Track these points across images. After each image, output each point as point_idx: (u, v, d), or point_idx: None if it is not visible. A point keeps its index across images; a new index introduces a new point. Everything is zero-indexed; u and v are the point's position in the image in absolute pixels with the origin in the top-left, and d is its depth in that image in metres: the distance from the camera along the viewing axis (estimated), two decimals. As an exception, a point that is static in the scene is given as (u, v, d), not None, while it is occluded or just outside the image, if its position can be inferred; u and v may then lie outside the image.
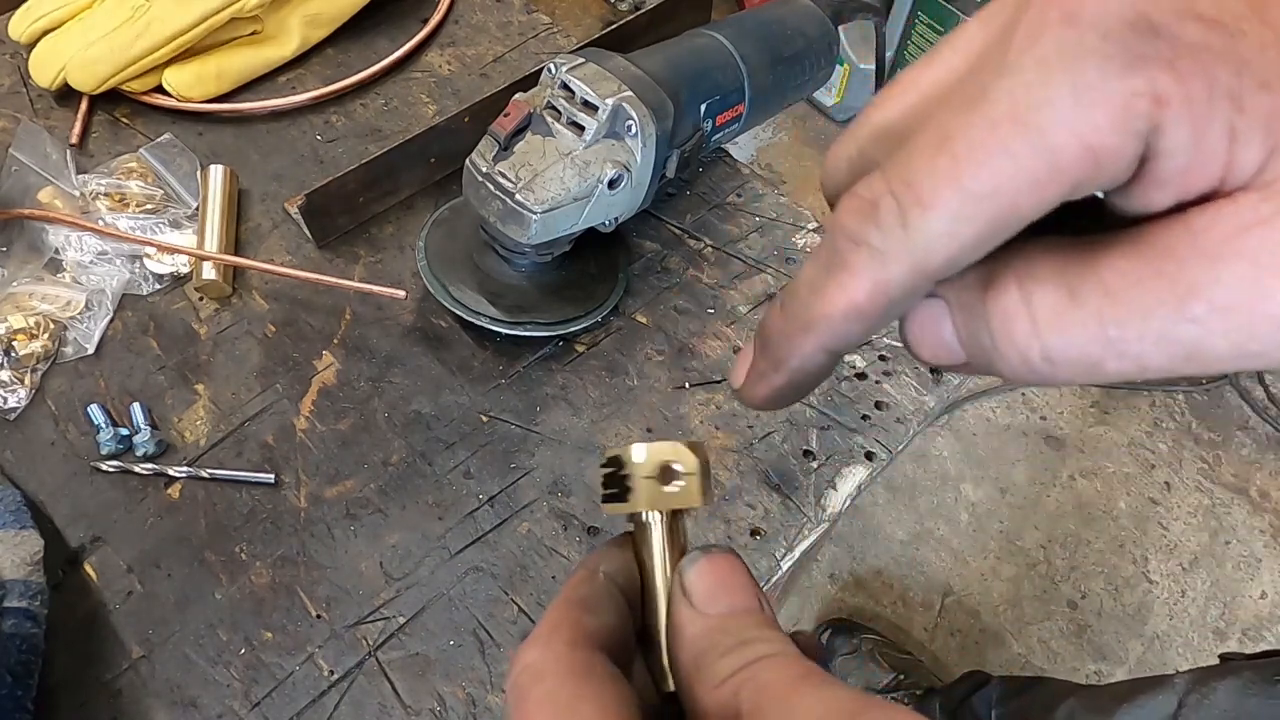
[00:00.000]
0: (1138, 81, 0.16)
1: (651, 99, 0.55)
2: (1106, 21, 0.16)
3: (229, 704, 0.48)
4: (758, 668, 0.20)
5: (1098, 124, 0.16)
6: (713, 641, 0.21)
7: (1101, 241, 0.18)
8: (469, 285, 0.59)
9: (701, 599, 0.22)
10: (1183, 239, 0.16)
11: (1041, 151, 0.16)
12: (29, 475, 0.54)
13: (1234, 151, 0.16)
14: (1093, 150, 0.16)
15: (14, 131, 0.66)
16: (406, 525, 0.54)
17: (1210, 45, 0.15)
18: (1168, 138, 0.16)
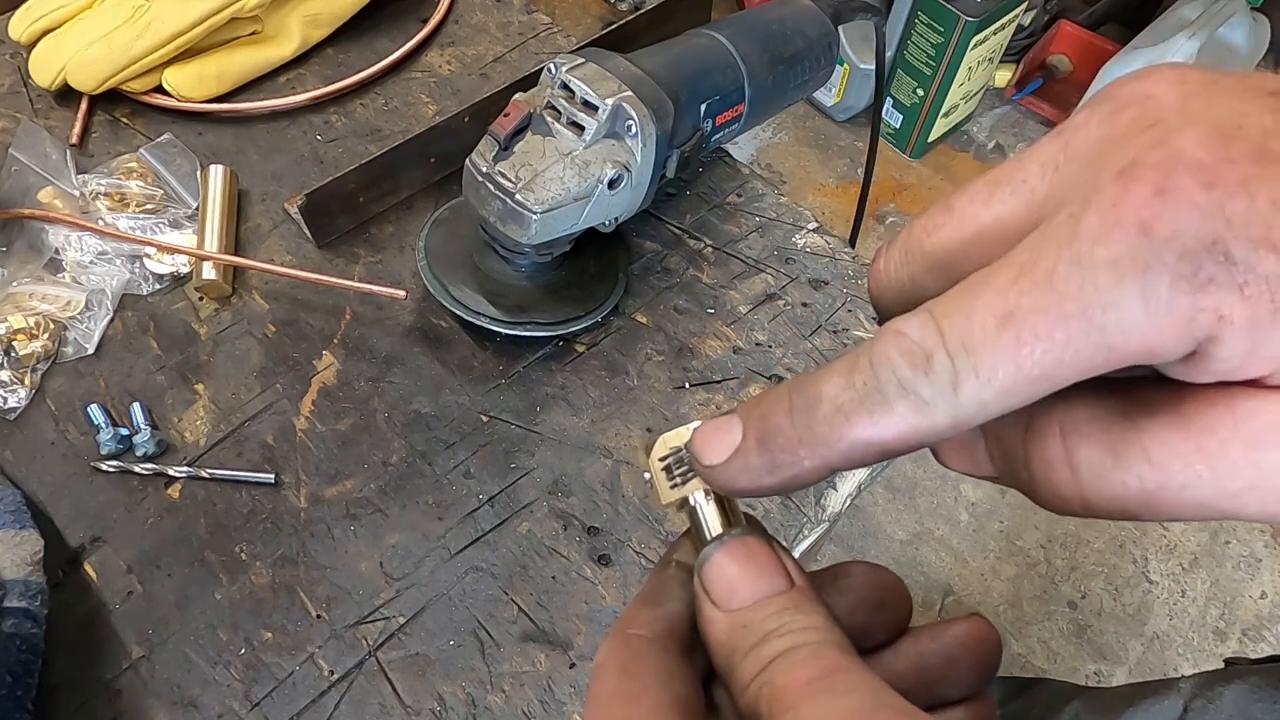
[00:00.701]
0: (1207, 301, 0.16)
1: (651, 99, 0.55)
2: (1183, 240, 0.16)
3: (229, 704, 0.48)
4: (773, 670, 0.20)
5: (1161, 331, 0.17)
6: (735, 642, 0.21)
7: (1145, 403, 0.19)
8: (469, 285, 0.59)
9: (720, 595, 0.22)
10: (1225, 420, 0.17)
11: (1102, 348, 0.17)
12: (29, 475, 0.54)
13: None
14: (1149, 349, 0.17)
15: (14, 131, 0.67)
16: (406, 525, 0.54)
17: (1274, 271, 0.16)
18: (1225, 346, 0.17)
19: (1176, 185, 0.16)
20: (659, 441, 0.25)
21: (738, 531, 0.23)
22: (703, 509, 0.24)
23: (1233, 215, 0.16)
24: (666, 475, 0.24)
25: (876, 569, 0.25)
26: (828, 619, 0.21)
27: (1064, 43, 1.87)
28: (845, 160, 1.86)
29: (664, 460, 0.24)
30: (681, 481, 0.24)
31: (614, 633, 0.23)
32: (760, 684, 0.20)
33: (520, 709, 0.48)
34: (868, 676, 0.19)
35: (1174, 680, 0.66)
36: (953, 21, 1.57)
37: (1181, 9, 1.55)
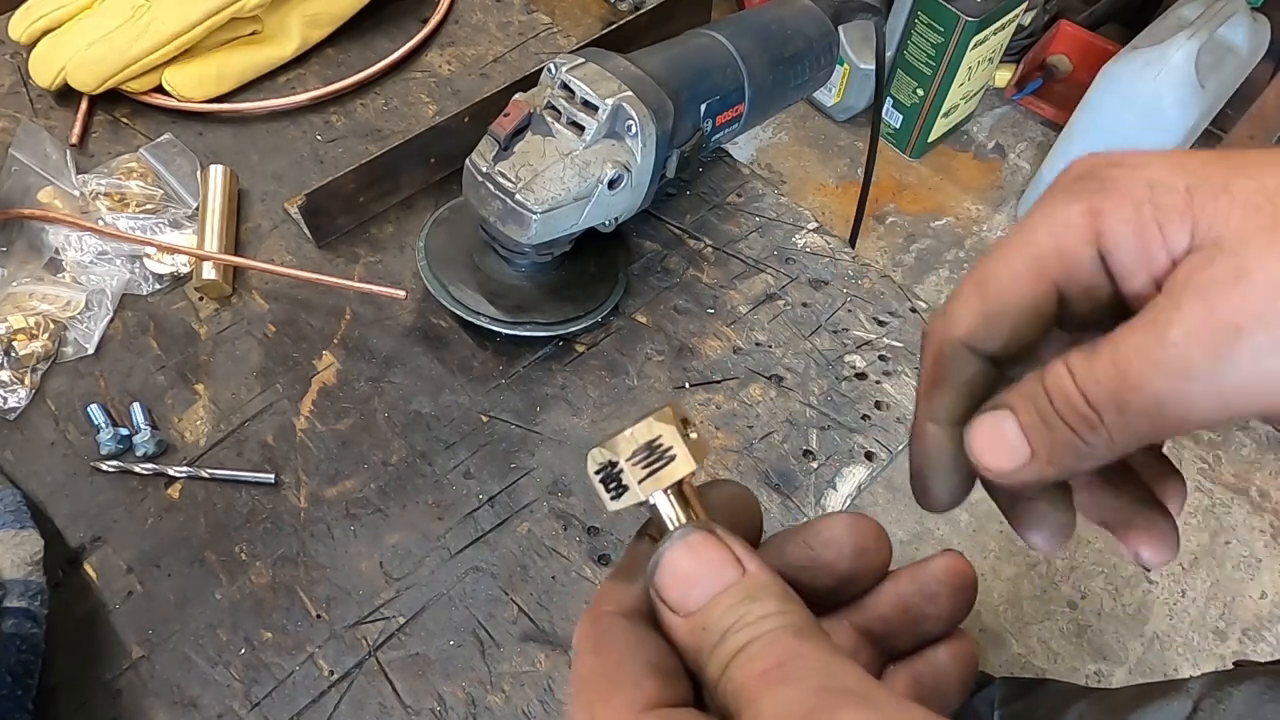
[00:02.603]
0: (1081, 204, 0.24)
1: (651, 99, 0.55)
2: (1069, 177, 0.25)
3: (229, 704, 0.48)
4: (733, 667, 0.21)
5: (1061, 234, 0.24)
6: (699, 644, 0.22)
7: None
8: (469, 285, 0.59)
9: (675, 601, 0.22)
10: (1156, 299, 0.22)
11: (1025, 253, 0.25)
12: (29, 475, 0.54)
13: (1166, 235, 0.23)
14: (1059, 252, 0.24)
15: (14, 131, 0.67)
16: (406, 525, 0.54)
17: (1128, 177, 0.24)
18: (1109, 236, 0.24)
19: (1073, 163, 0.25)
20: (589, 457, 0.25)
21: (680, 532, 0.23)
22: (660, 507, 0.24)
23: (1097, 160, 0.25)
24: (604, 489, 0.24)
25: (855, 518, 0.27)
26: (783, 600, 0.22)
27: (1064, 43, 1.87)
28: (845, 160, 1.86)
29: (598, 474, 0.24)
30: (616, 495, 0.24)
31: (588, 611, 0.24)
32: (725, 681, 0.21)
33: (520, 709, 0.48)
34: (823, 657, 0.20)
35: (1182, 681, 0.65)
36: (953, 21, 1.57)
37: (1181, 9, 1.55)
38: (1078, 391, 0.23)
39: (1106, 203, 0.23)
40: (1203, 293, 0.21)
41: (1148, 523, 0.27)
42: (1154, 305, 0.22)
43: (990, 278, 0.25)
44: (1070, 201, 0.24)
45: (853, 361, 0.62)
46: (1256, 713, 0.57)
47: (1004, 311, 0.25)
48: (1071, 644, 1.39)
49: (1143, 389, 0.22)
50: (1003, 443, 0.24)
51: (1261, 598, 1.45)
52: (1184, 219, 0.22)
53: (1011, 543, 1.48)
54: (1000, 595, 1.44)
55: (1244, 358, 0.21)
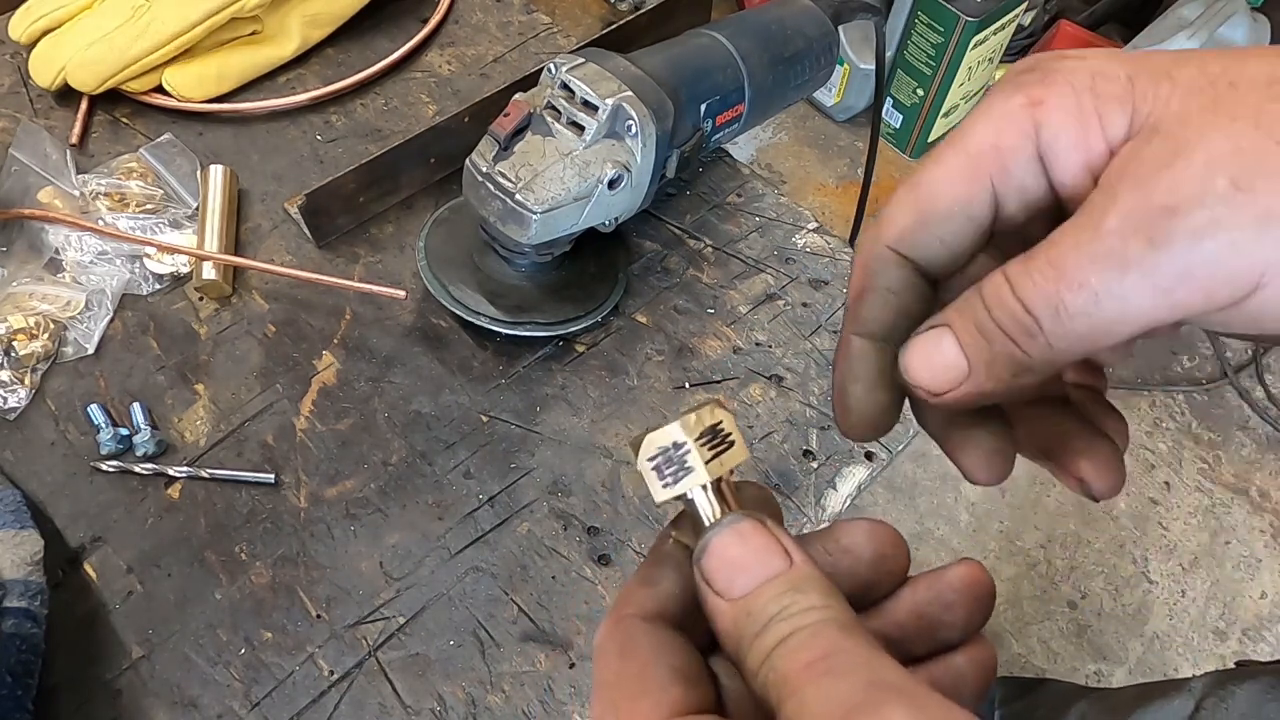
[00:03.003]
0: (1020, 96, 0.23)
1: (651, 99, 0.55)
2: (1011, 72, 0.24)
3: (229, 704, 0.48)
4: (775, 656, 0.20)
5: (998, 128, 0.23)
6: (741, 631, 0.21)
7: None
8: (469, 285, 0.59)
9: (721, 585, 0.22)
10: (1093, 193, 0.22)
11: (960, 151, 0.24)
12: (29, 475, 0.54)
13: (1105, 123, 0.22)
14: (997, 147, 0.23)
15: (14, 131, 0.66)
16: (406, 525, 0.54)
17: (1069, 66, 0.23)
18: (1048, 128, 0.22)
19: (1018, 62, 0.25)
20: (645, 441, 0.24)
21: (730, 519, 0.23)
22: (699, 501, 0.24)
23: (1039, 56, 0.23)
24: (658, 475, 0.24)
25: (874, 525, 0.26)
26: (827, 595, 0.21)
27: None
28: (845, 160, 1.86)
29: (653, 460, 0.24)
30: (674, 480, 0.24)
31: (610, 615, 0.24)
32: (766, 670, 0.20)
33: (520, 709, 0.48)
34: (867, 653, 0.20)
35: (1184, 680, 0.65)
36: (953, 21, 1.57)
37: (1181, 9, 1.55)
38: (1014, 298, 0.22)
39: (1047, 92, 0.23)
40: (1138, 178, 0.20)
41: (1090, 448, 0.27)
42: (1090, 200, 0.21)
43: (925, 179, 0.24)
44: (1011, 93, 0.23)
45: (853, 361, 0.61)
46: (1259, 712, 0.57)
47: (936, 213, 0.24)
48: (1071, 644, 1.39)
49: (1080, 286, 0.21)
50: (939, 359, 0.23)
51: (1261, 598, 1.45)
52: (1123, 106, 0.22)
53: (1011, 543, 1.48)
54: (1000, 595, 1.44)
55: (1180, 240, 0.20)
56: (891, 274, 0.25)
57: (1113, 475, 0.26)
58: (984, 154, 0.23)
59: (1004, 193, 0.24)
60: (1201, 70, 0.21)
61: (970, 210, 0.24)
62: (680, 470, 0.24)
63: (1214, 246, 0.19)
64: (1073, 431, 0.27)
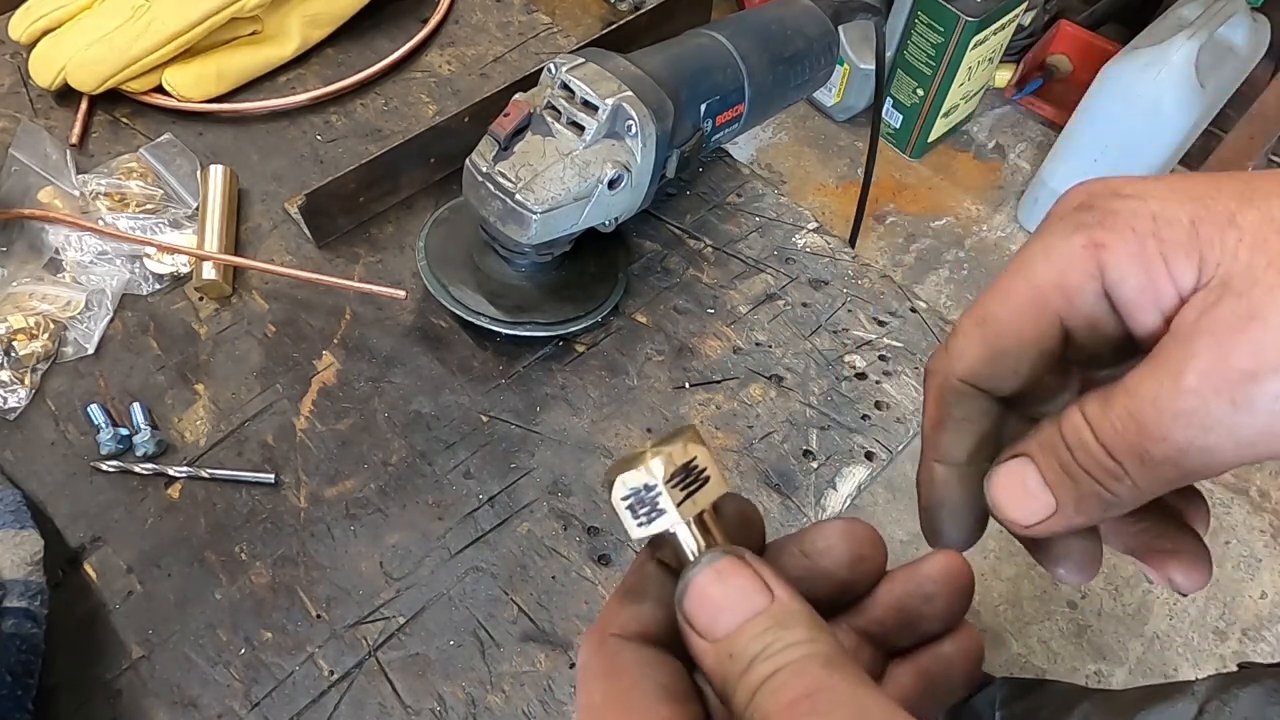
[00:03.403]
0: (1081, 237, 0.23)
1: (651, 99, 0.55)
2: (1064, 208, 0.24)
3: (229, 704, 0.48)
4: (760, 696, 0.20)
5: (1062, 269, 0.24)
6: (725, 672, 0.21)
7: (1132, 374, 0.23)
8: (469, 285, 0.59)
9: (704, 626, 0.22)
10: (1166, 341, 0.22)
11: (1026, 288, 0.24)
12: (29, 475, 0.54)
13: (1172, 270, 0.22)
14: (1061, 287, 0.24)
15: (14, 131, 0.67)
16: (406, 525, 0.54)
17: (1130, 207, 0.23)
18: (1113, 270, 0.23)
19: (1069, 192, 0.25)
20: (617, 481, 0.23)
21: (708, 557, 0.22)
22: (681, 535, 0.23)
23: (1094, 189, 0.24)
24: (632, 515, 0.23)
25: (850, 525, 0.26)
26: (811, 628, 0.21)
27: (1064, 43, 1.87)
28: (845, 160, 1.86)
29: (625, 500, 0.23)
30: (648, 520, 0.23)
31: (592, 633, 0.24)
32: (753, 711, 0.20)
33: (520, 709, 0.48)
34: (851, 689, 0.20)
35: (1188, 683, 0.65)
36: (953, 21, 1.57)
37: (1181, 9, 1.55)
38: (1097, 443, 0.22)
39: (1109, 236, 0.23)
40: (1214, 337, 0.21)
41: (1177, 547, 0.27)
42: (1164, 349, 0.22)
43: (991, 315, 0.25)
44: (1070, 233, 0.23)
45: (853, 361, 0.62)
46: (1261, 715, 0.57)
47: (1006, 350, 0.25)
48: (1071, 644, 1.39)
49: (1163, 440, 0.21)
50: (1025, 494, 0.24)
51: (1261, 598, 1.45)
52: (1190, 254, 0.22)
53: (1011, 542, 1.48)
54: (1000, 595, 1.44)
55: (1261, 404, 0.20)
56: (966, 404, 0.26)
57: (1201, 573, 0.27)
58: (1049, 292, 0.24)
59: (1073, 326, 0.24)
60: (1268, 217, 0.21)
61: (1041, 345, 0.25)
62: (653, 511, 0.23)
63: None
64: (1158, 529, 0.27)
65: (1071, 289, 0.23)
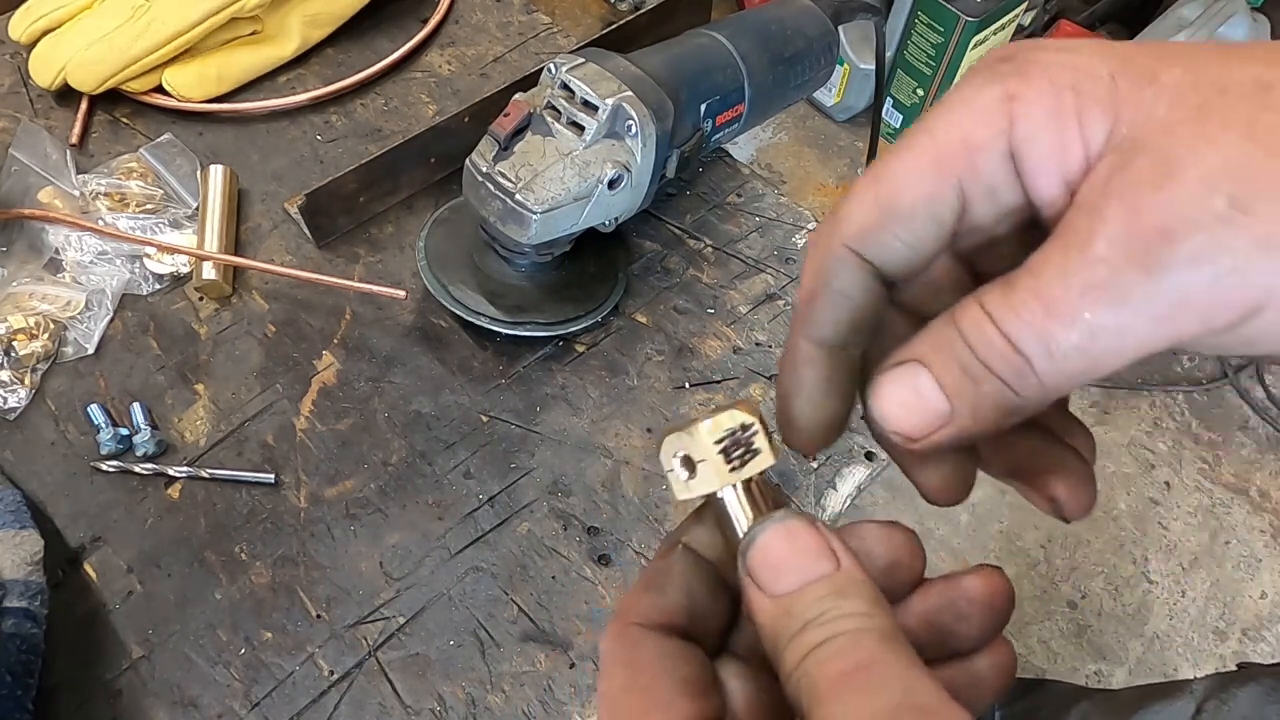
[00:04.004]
0: (997, 88, 0.21)
1: (651, 99, 0.55)
2: (987, 60, 0.22)
3: (229, 704, 0.48)
4: (810, 660, 0.20)
5: (971, 121, 0.21)
6: (779, 628, 0.21)
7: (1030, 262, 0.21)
8: (469, 285, 0.59)
9: (765, 580, 0.21)
10: (1072, 211, 0.20)
11: (928, 144, 0.22)
12: (29, 475, 0.54)
13: (1084, 128, 0.20)
14: (966, 143, 0.21)
15: (14, 131, 0.66)
16: (406, 525, 0.54)
17: (1052, 59, 0.21)
18: (1023, 124, 0.21)
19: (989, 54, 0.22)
20: (665, 440, 0.24)
21: (781, 514, 0.22)
22: (729, 501, 0.23)
23: (1016, 47, 0.22)
24: (680, 474, 0.23)
25: (889, 528, 0.25)
26: (872, 603, 0.20)
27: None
28: (845, 160, 1.86)
29: (675, 458, 0.23)
30: (699, 477, 0.23)
31: (614, 623, 0.23)
32: (800, 674, 0.20)
33: (520, 709, 0.48)
34: (904, 669, 0.19)
35: (1186, 682, 0.65)
36: (953, 21, 1.57)
37: (1181, 9, 1.55)
38: (1000, 335, 0.20)
39: (1025, 87, 0.21)
40: (1125, 198, 0.19)
41: (1062, 466, 0.25)
42: (1071, 219, 0.20)
43: (887, 172, 0.22)
44: (985, 84, 0.21)
45: (853, 361, 0.61)
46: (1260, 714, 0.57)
47: (898, 212, 0.22)
48: (1071, 644, 1.39)
49: (1072, 321, 0.19)
50: (916, 402, 0.22)
51: (1261, 598, 1.45)
52: (1106, 111, 0.20)
53: (1011, 543, 1.48)
54: (1000, 595, 1.43)
55: (1179, 267, 0.18)
56: (846, 275, 0.23)
57: (1086, 494, 0.25)
58: (953, 149, 0.22)
59: (972, 193, 0.22)
60: (1189, 72, 0.20)
61: (935, 210, 0.22)
62: (700, 473, 0.23)
63: (1214, 271, 0.18)
64: (1040, 449, 0.26)
65: (976, 146, 0.21)
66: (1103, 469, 1.55)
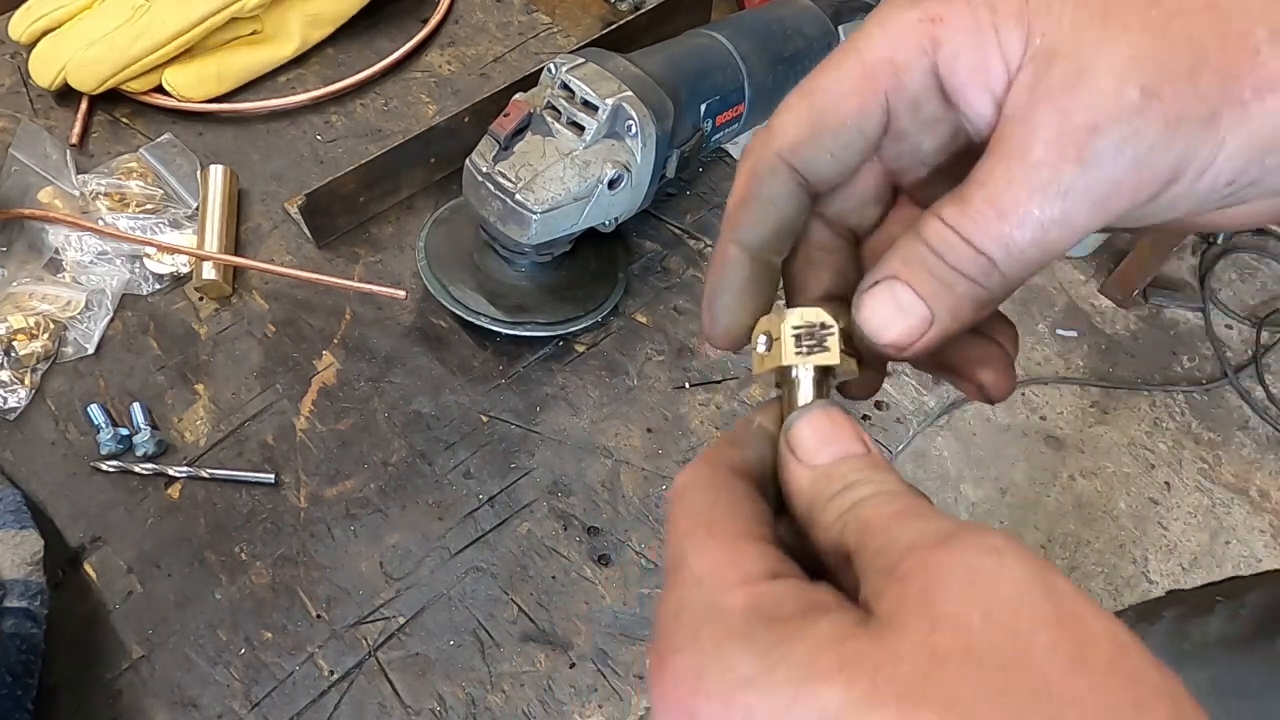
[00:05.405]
0: (918, 11, 0.23)
1: (651, 99, 0.55)
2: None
3: (229, 704, 0.48)
4: (858, 509, 0.22)
5: (895, 42, 0.23)
6: (818, 491, 0.23)
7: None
8: (469, 285, 0.59)
9: (806, 452, 0.23)
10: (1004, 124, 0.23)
11: (856, 64, 0.24)
12: (29, 475, 0.54)
13: (1002, 42, 0.22)
14: (893, 62, 0.23)
15: (14, 131, 0.66)
16: (406, 525, 0.54)
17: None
18: (946, 46, 0.23)
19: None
20: (759, 321, 0.26)
21: (825, 402, 0.25)
22: (802, 380, 0.25)
23: None
24: (795, 343, 0.25)
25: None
26: (900, 480, 0.23)
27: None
28: (845, 160, 1.86)
29: (797, 330, 0.25)
30: (770, 354, 0.26)
31: (700, 457, 0.25)
32: (845, 520, 0.22)
33: (520, 709, 0.48)
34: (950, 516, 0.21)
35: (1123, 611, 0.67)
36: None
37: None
38: (964, 242, 0.23)
39: (944, 8, 0.23)
40: (1051, 102, 0.21)
41: (986, 355, 0.28)
42: (1006, 131, 0.22)
43: (819, 88, 0.25)
44: (907, 7, 0.23)
45: (853, 361, 0.62)
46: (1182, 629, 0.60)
47: (828, 125, 0.25)
48: (1071, 644, 1.39)
49: (1024, 220, 0.22)
50: (900, 313, 0.24)
51: (1261, 598, 1.44)
52: (1020, 23, 0.22)
53: (1011, 543, 1.48)
54: (1000, 595, 1.43)
55: (1108, 155, 0.21)
56: (776, 184, 0.26)
57: (1008, 378, 0.28)
58: (880, 68, 0.24)
59: (897, 108, 0.24)
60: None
61: (863, 124, 0.24)
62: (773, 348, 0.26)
63: (1134, 154, 0.21)
64: (967, 343, 0.28)
65: (902, 65, 0.23)
66: (1103, 469, 1.55)
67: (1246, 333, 1.71)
